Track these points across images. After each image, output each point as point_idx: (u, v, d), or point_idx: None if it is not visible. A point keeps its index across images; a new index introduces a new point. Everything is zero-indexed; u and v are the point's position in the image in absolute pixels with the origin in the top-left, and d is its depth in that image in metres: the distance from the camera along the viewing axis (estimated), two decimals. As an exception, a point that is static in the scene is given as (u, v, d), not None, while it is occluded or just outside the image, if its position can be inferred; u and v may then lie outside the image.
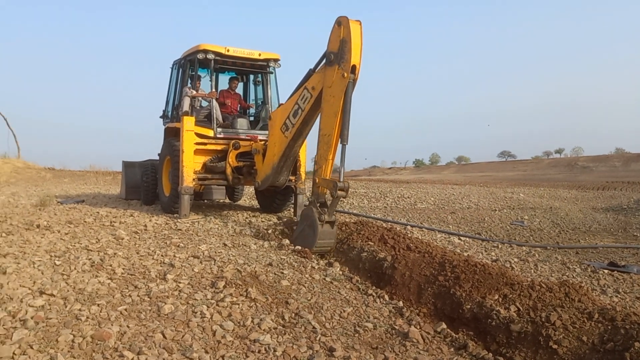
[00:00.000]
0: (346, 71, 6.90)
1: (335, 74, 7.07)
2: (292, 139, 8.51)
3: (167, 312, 4.24)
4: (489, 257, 7.68)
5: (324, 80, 7.33)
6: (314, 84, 7.80)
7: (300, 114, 8.14)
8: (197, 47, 9.90)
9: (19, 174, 23.24)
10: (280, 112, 8.82)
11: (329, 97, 7.21)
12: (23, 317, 3.93)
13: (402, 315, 4.57)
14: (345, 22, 7.05)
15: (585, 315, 4.28)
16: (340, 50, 7.03)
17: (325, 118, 7.25)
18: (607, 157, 74.18)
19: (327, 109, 7.22)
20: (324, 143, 7.21)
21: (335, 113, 7.02)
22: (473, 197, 17.61)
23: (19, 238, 6.95)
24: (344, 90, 6.92)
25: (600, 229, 11.95)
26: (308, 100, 7.93)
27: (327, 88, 7.24)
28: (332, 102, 7.11)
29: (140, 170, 12.44)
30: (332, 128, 7.06)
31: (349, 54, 6.90)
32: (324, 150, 7.22)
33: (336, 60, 7.11)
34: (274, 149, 8.96)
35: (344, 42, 6.99)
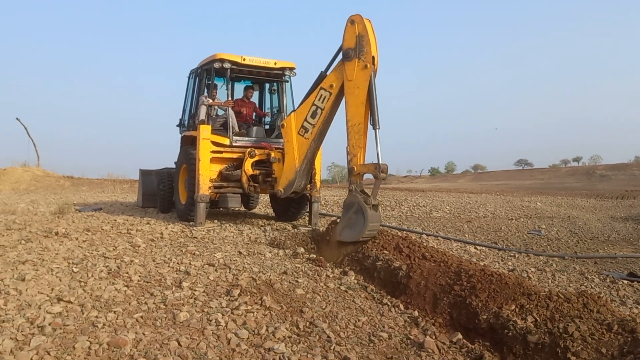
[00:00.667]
0: (368, 62, 7.41)
1: (357, 66, 7.54)
2: (313, 140, 8.81)
3: (183, 320, 4.26)
4: (505, 266, 7.59)
5: (345, 75, 7.73)
6: (332, 82, 8.22)
7: (320, 113, 8.51)
8: (214, 56, 9.99)
9: (39, 182, 23.59)
10: (295, 117, 8.98)
11: (353, 89, 7.60)
12: (41, 324, 3.98)
13: (417, 325, 4.54)
14: (359, 19, 7.62)
15: (604, 327, 4.21)
16: (358, 45, 7.55)
17: (352, 109, 7.57)
18: (626, 165, 73.13)
19: (352, 100, 7.59)
20: (354, 132, 7.48)
21: (362, 102, 7.41)
22: (489, 205, 17.47)
23: (37, 245, 7.04)
24: (368, 80, 7.38)
25: (620, 238, 11.77)
26: (327, 98, 8.33)
27: (349, 81, 7.66)
28: (357, 93, 7.51)
29: (157, 179, 12.56)
30: (361, 117, 7.41)
31: (368, 46, 7.46)
32: (356, 139, 7.47)
33: (355, 54, 7.58)
34: (295, 153, 9.09)
35: (361, 37, 7.54)
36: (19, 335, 3.75)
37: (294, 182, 9.23)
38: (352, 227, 7.08)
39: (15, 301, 4.51)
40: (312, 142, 8.83)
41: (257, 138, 10.26)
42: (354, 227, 7.05)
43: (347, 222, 7.19)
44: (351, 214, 7.15)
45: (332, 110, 8.50)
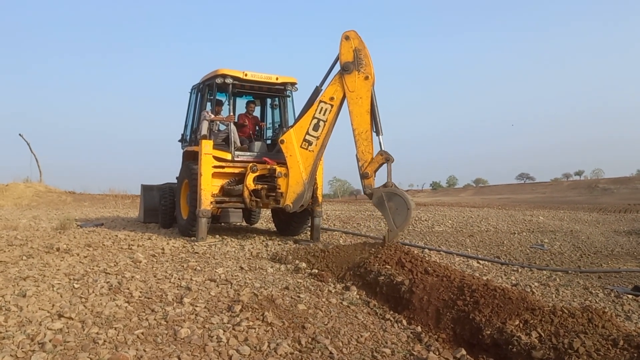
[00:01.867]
0: (369, 73, 8.12)
1: (357, 78, 8.20)
2: (318, 151, 9.11)
3: (184, 336, 4.22)
4: (508, 281, 7.55)
5: (347, 87, 8.26)
6: (332, 94, 8.62)
7: (323, 125, 8.87)
8: (216, 71, 10.05)
9: (41, 198, 23.62)
10: (295, 132, 9.16)
11: (356, 99, 8.21)
12: (41, 340, 3.95)
13: (420, 341, 4.50)
14: (354, 35, 8.27)
15: (610, 342, 4.17)
16: (356, 58, 8.18)
17: (358, 118, 8.16)
18: (628, 179, 73.11)
19: (357, 109, 8.19)
20: (362, 139, 8.13)
21: (366, 111, 8.10)
22: (491, 219, 17.41)
23: (39, 261, 7.03)
24: (370, 90, 8.09)
25: (623, 252, 11.70)
26: (329, 110, 8.73)
27: (351, 92, 8.24)
28: (361, 102, 8.16)
29: (158, 194, 12.56)
30: (367, 124, 8.11)
31: (367, 59, 8.17)
32: (365, 145, 8.13)
33: (354, 67, 8.21)
34: (300, 166, 9.23)
35: (358, 51, 8.19)
36: (19, 352, 3.72)
37: (303, 194, 9.37)
38: (399, 212, 7.70)
39: (16, 317, 4.49)
40: (317, 153, 9.10)
41: (259, 153, 10.28)
42: (400, 209, 7.69)
43: (392, 213, 7.78)
44: (389, 205, 7.79)
45: (334, 122, 8.86)
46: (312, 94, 9.04)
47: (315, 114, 8.88)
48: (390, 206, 7.75)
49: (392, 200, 7.75)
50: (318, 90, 8.98)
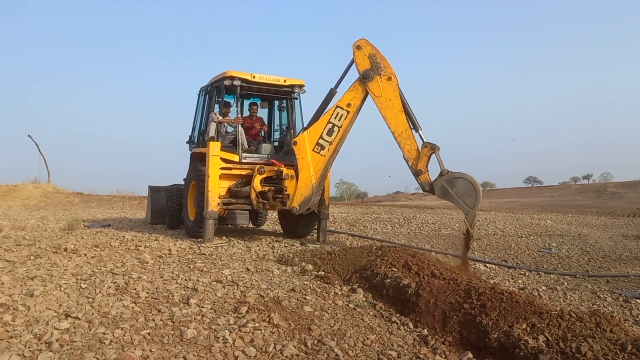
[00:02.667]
0: (391, 74, 8.16)
1: (381, 82, 8.22)
2: (330, 157, 9.08)
3: (190, 337, 4.23)
4: (515, 284, 7.51)
5: (372, 93, 8.28)
6: (349, 101, 8.62)
7: (337, 131, 8.85)
8: (224, 73, 10.08)
9: (49, 199, 23.76)
10: (309, 135, 9.15)
11: (386, 103, 8.20)
12: (48, 340, 3.97)
13: (426, 344, 4.49)
14: (364, 42, 8.34)
15: (618, 347, 4.13)
16: (374, 64, 8.22)
17: (393, 120, 8.14)
18: (637, 182, 72.49)
19: (390, 112, 8.16)
20: (404, 139, 8.07)
21: (400, 111, 8.09)
22: (499, 223, 17.34)
23: (46, 261, 7.06)
24: (397, 90, 8.12)
25: (632, 256, 11.61)
26: (345, 117, 8.72)
27: (378, 98, 8.24)
28: (392, 104, 8.16)
29: (165, 195, 12.61)
30: (404, 123, 8.08)
31: (384, 61, 8.23)
32: (409, 144, 8.06)
33: (375, 73, 8.25)
34: (310, 170, 9.24)
35: (373, 56, 8.24)
36: (26, 352, 3.74)
37: (311, 198, 9.36)
38: (468, 193, 7.60)
39: (24, 317, 4.51)
40: (329, 158, 9.08)
41: (266, 155, 10.30)
42: (468, 190, 7.60)
43: (461, 197, 7.65)
44: (455, 190, 7.67)
45: (349, 128, 8.85)
46: (327, 95, 9.03)
47: (330, 119, 8.88)
48: (457, 191, 7.63)
49: (456, 185, 7.66)
50: (332, 93, 8.98)
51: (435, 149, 7.85)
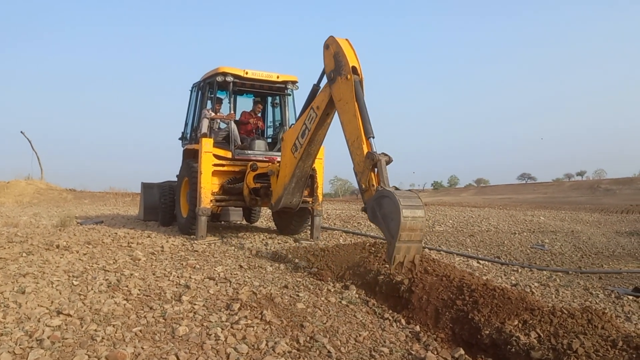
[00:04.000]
0: (348, 73, 7.03)
1: (342, 83, 7.17)
2: (300, 159, 8.52)
3: (182, 334, 4.22)
4: (508, 281, 7.53)
5: (335, 97, 7.35)
6: (318, 103, 7.96)
7: (307, 133, 8.20)
8: (216, 69, 10.04)
9: (42, 195, 23.65)
10: (291, 133, 8.86)
11: (343, 106, 7.15)
12: (40, 337, 3.95)
13: (419, 340, 4.49)
14: (332, 40, 7.51)
15: (609, 343, 4.15)
16: (337, 63, 7.28)
17: (348, 125, 6.99)
18: (631, 179, 72.87)
19: (345, 117, 7.07)
20: (355, 148, 6.74)
21: (354, 115, 6.86)
22: (492, 219, 17.39)
23: (38, 258, 7.03)
24: (352, 90, 6.91)
25: (625, 253, 11.68)
26: (314, 119, 8.05)
27: (338, 102, 7.28)
28: (347, 108, 7.03)
29: (158, 192, 12.57)
30: (357, 130, 6.76)
31: (344, 59, 7.13)
32: (358, 154, 6.64)
33: (337, 73, 7.28)
34: (286, 169, 8.97)
35: (337, 54, 7.30)
36: (17, 349, 3.72)
37: (282, 198, 9.12)
38: (392, 219, 5.47)
39: (15, 314, 4.49)
40: (299, 161, 8.52)
41: (259, 151, 10.27)
42: (392, 213, 5.47)
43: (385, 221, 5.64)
44: (381, 213, 5.71)
45: (317, 132, 8.16)
46: (310, 92, 8.57)
47: (305, 120, 8.31)
48: (383, 214, 5.67)
49: (383, 206, 5.69)
50: (315, 90, 8.43)
51: (376, 160, 6.16)
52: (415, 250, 5.31)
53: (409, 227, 5.22)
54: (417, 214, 5.27)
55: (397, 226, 5.28)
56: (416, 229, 5.26)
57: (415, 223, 5.24)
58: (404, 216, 5.20)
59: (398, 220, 5.27)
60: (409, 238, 5.26)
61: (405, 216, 5.19)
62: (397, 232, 5.25)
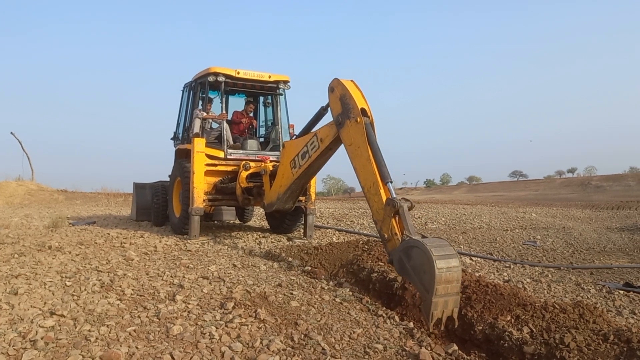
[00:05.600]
0: (357, 116, 6.63)
1: (351, 127, 6.76)
2: (298, 178, 8.42)
3: (176, 333, 4.22)
4: (500, 277, 7.58)
5: (345, 141, 6.93)
6: (323, 135, 7.64)
7: (308, 158, 8.02)
8: (208, 69, 10.03)
9: (33, 196, 23.49)
10: (293, 147, 8.57)
11: (355, 150, 6.69)
12: (33, 338, 3.94)
13: (412, 337, 4.51)
14: (336, 83, 7.12)
15: (601, 337, 4.20)
16: (344, 106, 6.89)
17: (362, 171, 6.50)
18: (621, 176, 73.51)
19: (359, 162, 6.59)
20: (372, 194, 6.20)
21: (367, 160, 6.40)
22: (484, 217, 17.47)
23: (31, 259, 7.00)
24: (364, 134, 6.50)
25: (615, 249, 11.77)
26: (316, 149, 7.81)
27: (349, 146, 6.85)
28: (360, 152, 6.56)
29: (150, 192, 12.54)
30: (373, 175, 6.27)
31: (352, 101, 6.76)
32: (376, 201, 6.08)
33: (345, 116, 6.87)
34: (282, 180, 8.86)
35: (344, 97, 6.92)
36: (10, 350, 3.70)
37: (274, 204, 9.15)
38: (425, 271, 4.91)
39: (8, 315, 4.47)
40: (296, 179, 8.46)
41: (251, 151, 10.27)
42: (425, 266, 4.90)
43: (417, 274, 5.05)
44: (413, 263, 5.12)
45: (318, 161, 8.03)
46: (318, 112, 8.24)
47: (307, 143, 8.07)
48: (413, 265, 5.10)
49: (412, 257, 5.13)
50: (322, 111, 8.10)
51: (398, 207, 5.68)
52: (453, 304, 4.84)
53: (445, 279, 4.73)
54: (452, 263, 4.81)
55: (432, 280, 4.75)
56: (453, 280, 4.79)
57: (451, 274, 4.77)
58: (439, 268, 4.71)
59: (432, 273, 4.74)
60: (446, 291, 4.75)
61: (439, 268, 4.71)
62: (433, 286, 4.73)
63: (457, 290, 4.82)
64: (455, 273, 4.79)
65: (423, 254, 4.90)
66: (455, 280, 4.78)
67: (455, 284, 4.79)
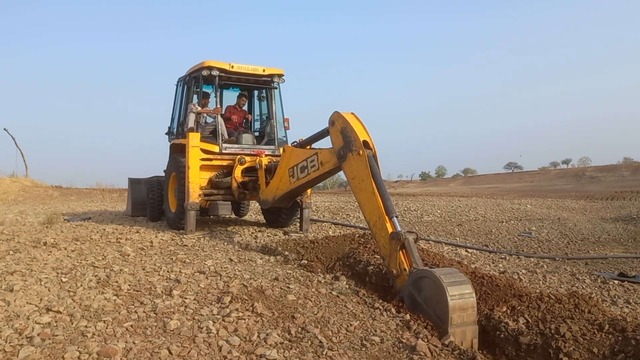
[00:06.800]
0: (360, 149, 6.51)
1: (354, 160, 6.63)
2: (296, 188, 8.48)
3: (173, 328, 4.22)
4: (496, 268, 7.62)
5: (347, 175, 6.83)
6: (324, 160, 7.55)
7: (306, 174, 8.00)
8: (202, 63, 9.99)
9: (27, 193, 23.38)
10: (293, 155, 8.45)
11: (358, 184, 6.54)
12: (29, 334, 3.93)
13: (409, 329, 4.53)
14: (337, 116, 7.04)
15: (596, 327, 4.23)
16: (345, 139, 6.79)
17: (367, 205, 6.32)
18: (615, 166, 73.86)
19: (362, 196, 6.44)
20: (378, 229, 6.01)
21: (372, 193, 6.23)
22: (480, 209, 17.53)
23: (26, 255, 6.97)
24: (367, 167, 6.36)
25: (610, 239, 11.85)
26: (315, 170, 7.79)
27: (352, 180, 6.71)
28: (363, 186, 6.41)
29: (146, 187, 12.50)
30: (378, 209, 6.09)
31: (353, 134, 6.65)
32: (383, 236, 5.86)
33: (347, 149, 6.75)
34: (279, 183, 8.83)
35: (345, 130, 6.83)
36: (7, 347, 3.69)
37: (269, 203, 9.25)
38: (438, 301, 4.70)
39: (4, 312, 4.45)
40: (294, 188, 8.50)
41: (246, 145, 10.25)
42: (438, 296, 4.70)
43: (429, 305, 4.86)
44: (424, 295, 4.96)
45: (317, 180, 8.12)
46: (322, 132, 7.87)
47: (308, 158, 7.97)
48: (425, 297, 4.93)
49: (423, 289, 4.97)
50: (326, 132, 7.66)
51: (403, 240, 5.46)
52: (471, 334, 4.60)
53: (459, 307, 4.53)
54: (465, 290, 4.63)
55: (445, 309, 4.56)
56: (468, 307, 4.59)
57: (465, 301, 4.58)
58: (451, 295, 4.53)
59: (445, 302, 4.55)
60: (462, 320, 4.54)
61: (452, 295, 4.53)
62: (447, 315, 4.52)
63: (473, 319, 4.63)
64: (470, 300, 4.61)
65: (434, 284, 4.75)
66: (470, 307, 4.61)
67: (471, 312, 4.61)
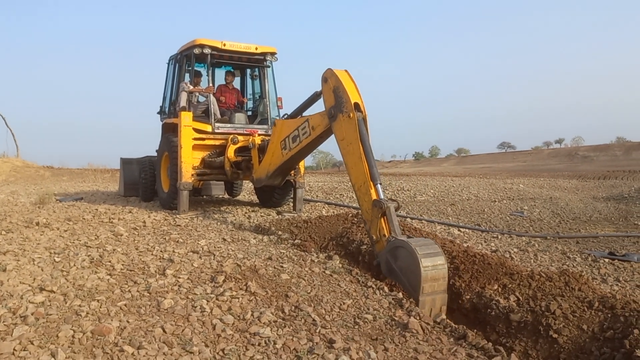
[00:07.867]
0: (350, 111, 6.47)
1: (343, 122, 6.61)
2: (288, 159, 8.46)
3: (167, 307, 4.23)
4: (488, 247, 7.67)
5: (337, 136, 6.82)
6: (315, 124, 7.53)
7: (298, 143, 7.98)
8: (194, 42, 9.86)
9: (18, 173, 23.23)
10: (285, 127, 8.46)
11: (346, 146, 6.56)
12: (23, 314, 3.93)
13: (401, 307, 4.57)
14: (330, 73, 6.94)
15: (586, 304, 4.28)
16: (337, 99, 6.72)
17: (353, 169, 6.38)
18: (607, 146, 74.23)
19: (350, 159, 6.46)
20: (362, 193, 6.13)
21: (359, 158, 6.27)
22: (472, 188, 17.60)
23: (18, 235, 6.95)
24: (357, 131, 6.35)
25: (601, 218, 11.95)
26: (307, 136, 7.76)
27: (341, 141, 6.72)
28: (351, 149, 6.42)
29: (138, 167, 12.44)
30: (364, 175, 6.14)
31: (345, 95, 6.59)
32: (366, 201, 6.00)
33: (338, 110, 6.71)
34: (272, 158, 8.82)
35: (337, 89, 6.75)
36: (1, 326, 3.69)
37: (263, 181, 9.22)
38: (412, 271, 4.96)
39: (-4, 292, 4.45)
40: (287, 160, 8.49)
41: (239, 124, 10.19)
42: (411, 266, 4.96)
43: (404, 275, 5.12)
44: (400, 264, 5.21)
45: (309, 147, 8.09)
46: (312, 96, 7.97)
47: (299, 127, 7.95)
48: (400, 266, 5.18)
49: (398, 257, 5.22)
50: (316, 97, 7.84)
51: (385, 208, 5.60)
52: (441, 302, 4.87)
53: (431, 277, 4.79)
54: (438, 261, 4.88)
55: (418, 278, 4.81)
56: (439, 278, 4.85)
57: (437, 272, 4.83)
58: (424, 266, 4.78)
59: (418, 272, 4.80)
60: (433, 289, 4.81)
61: (425, 266, 4.78)
62: (419, 284, 4.78)
63: (443, 288, 4.89)
64: (441, 271, 4.86)
65: (409, 254, 4.98)
66: (441, 277, 4.86)
67: (442, 282, 4.87)
